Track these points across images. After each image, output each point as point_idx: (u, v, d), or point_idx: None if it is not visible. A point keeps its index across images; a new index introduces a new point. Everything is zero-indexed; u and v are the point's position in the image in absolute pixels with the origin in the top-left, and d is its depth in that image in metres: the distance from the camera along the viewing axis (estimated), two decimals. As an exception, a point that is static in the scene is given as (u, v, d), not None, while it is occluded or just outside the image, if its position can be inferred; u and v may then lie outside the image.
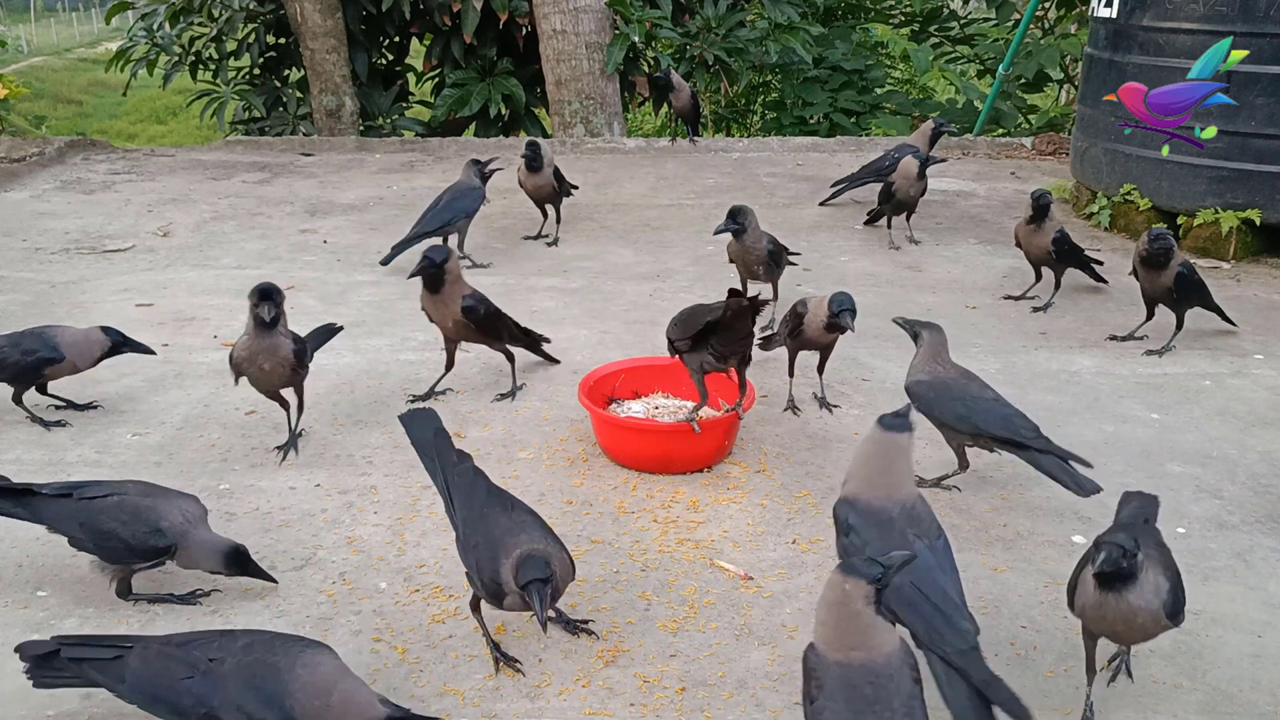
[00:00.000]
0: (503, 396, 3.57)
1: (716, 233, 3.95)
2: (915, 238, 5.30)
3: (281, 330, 3.03)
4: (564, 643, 2.35)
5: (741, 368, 3.00)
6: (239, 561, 2.43)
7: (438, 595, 2.52)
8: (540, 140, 5.34)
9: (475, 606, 2.33)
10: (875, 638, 1.75)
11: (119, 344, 3.34)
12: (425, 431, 2.52)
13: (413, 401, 3.50)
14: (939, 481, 3.01)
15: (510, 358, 3.60)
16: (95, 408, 3.46)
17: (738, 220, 3.89)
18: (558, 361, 3.81)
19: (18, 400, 3.32)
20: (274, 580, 2.49)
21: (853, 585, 1.75)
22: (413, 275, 3.38)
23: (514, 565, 2.11)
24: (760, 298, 2.79)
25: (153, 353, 3.48)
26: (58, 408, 3.42)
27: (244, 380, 3.10)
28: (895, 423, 2.14)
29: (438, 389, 3.56)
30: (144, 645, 2.01)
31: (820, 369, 3.48)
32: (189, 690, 1.91)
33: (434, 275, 3.35)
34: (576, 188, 5.51)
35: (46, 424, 3.32)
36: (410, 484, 3.00)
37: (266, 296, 2.97)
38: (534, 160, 5.03)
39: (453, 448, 2.48)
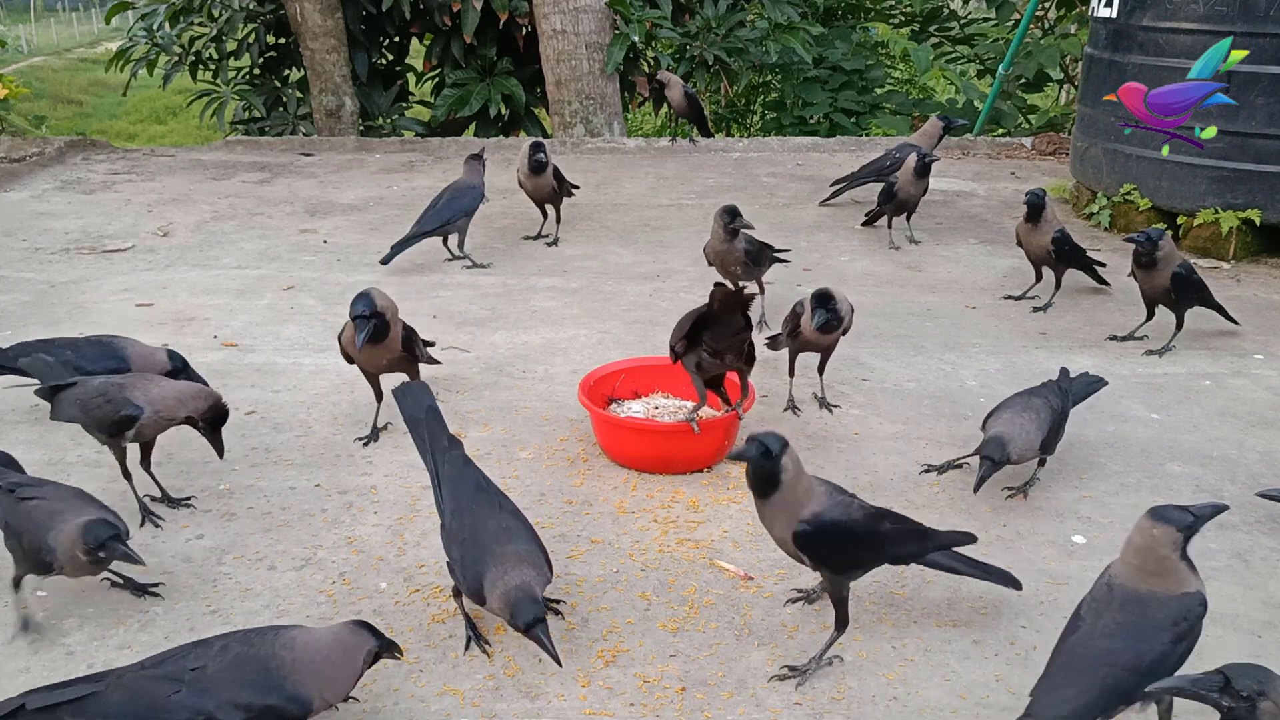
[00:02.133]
0: (364, 440, 3.28)
1: (742, 228, 3.89)
2: (915, 238, 5.30)
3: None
4: (564, 643, 2.35)
5: (744, 369, 2.99)
6: (102, 546, 2.28)
7: (438, 595, 2.52)
8: (542, 141, 5.30)
9: (458, 593, 2.36)
10: (1179, 578, 1.90)
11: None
12: (418, 409, 2.54)
13: (364, 442, 3.25)
14: (950, 465, 3.07)
15: (380, 397, 3.33)
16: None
17: (737, 219, 3.88)
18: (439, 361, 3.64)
19: None
20: (142, 562, 2.34)
21: (1161, 531, 1.89)
22: (365, 341, 3.02)
23: (506, 599, 2.12)
24: (747, 291, 2.79)
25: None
26: None
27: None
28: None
29: (379, 424, 3.28)
30: (117, 676, 1.93)
31: (820, 369, 3.48)
32: (180, 704, 1.87)
33: (380, 328, 3.02)
34: (577, 188, 5.50)
35: None
36: (410, 484, 3.00)
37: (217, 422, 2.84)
38: (542, 164, 5.01)
39: (445, 430, 2.51)
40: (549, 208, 5.28)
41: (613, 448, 3.14)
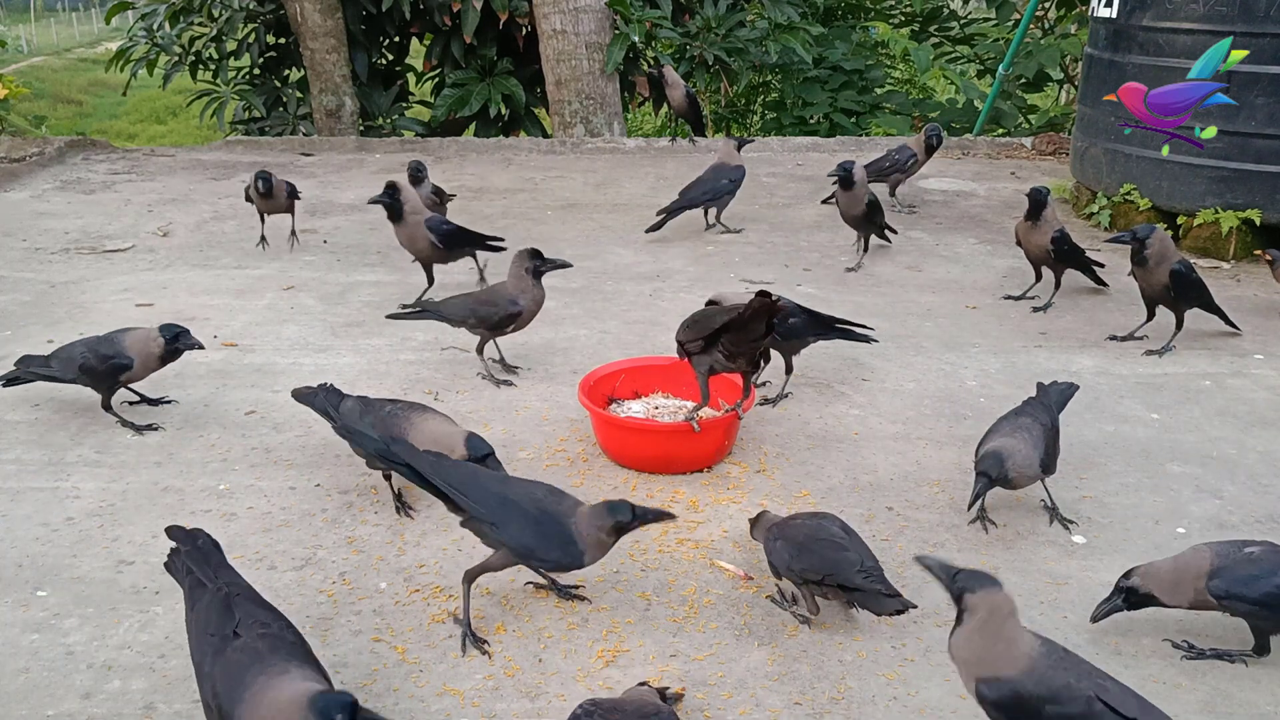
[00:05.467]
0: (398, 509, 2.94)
1: (550, 269, 3.59)
2: (860, 263, 4.92)
3: None
4: (564, 643, 2.35)
5: (750, 372, 3.01)
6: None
7: (438, 595, 2.52)
8: (398, 182, 4.19)
9: (471, 579, 2.37)
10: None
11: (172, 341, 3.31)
12: (373, 444, 2.59)
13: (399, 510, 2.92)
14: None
15: None
16: (170, 402, 3.50)
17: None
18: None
19: (107, 407, 3.33)
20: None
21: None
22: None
23: (601, 512, 2.29)
24: (780, 302, 2.78)
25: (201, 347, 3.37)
26: (132, 403, 3.46)
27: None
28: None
29: None
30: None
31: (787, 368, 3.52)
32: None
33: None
34: (454, 196, 5.20)
35: (139, 428, 3.32)
36: (410, 484, 2.99)
37: None
38: (397, 207, 4.11)
39: (414, 447, 2.51)
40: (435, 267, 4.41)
41: (613, 448, 3.14)
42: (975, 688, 1.87)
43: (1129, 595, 2.29)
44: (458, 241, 4.26)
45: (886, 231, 5.07)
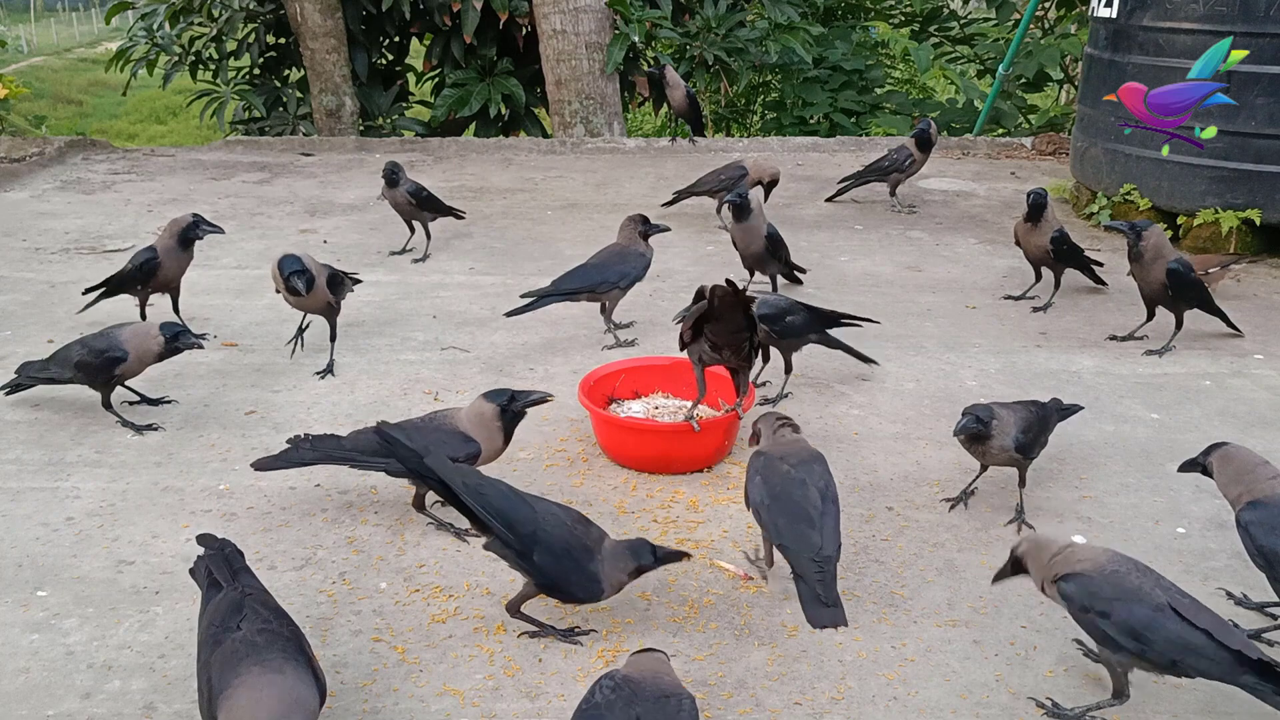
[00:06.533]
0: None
1: (654, 231, 4.04)
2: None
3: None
4: (564, 643, 2.35)
5: (743, 368, 3.00)
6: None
7: (438, 595, 2.52)
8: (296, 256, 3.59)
9: (516, 609, 2.36)
10: None
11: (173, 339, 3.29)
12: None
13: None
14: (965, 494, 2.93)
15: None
16: (170, 402, 3.50)
17: (649, 225, 4.00)
18: None
19: (107, 405, 3.33)
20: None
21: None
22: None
23: (624, 556, 2.31)
24: (748, 292, 2.80)
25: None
26: (132, 403, 3.45)
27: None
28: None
29: None
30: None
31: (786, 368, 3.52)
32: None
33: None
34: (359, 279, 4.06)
35: (139, 428, 3.32)
36: (411, 484, 2.99)
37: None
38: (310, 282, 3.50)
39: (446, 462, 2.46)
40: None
41: (613, 448, 3.14)
42: (1057, 587, 2.09)
43: None
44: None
45: (795, 272, 4.55)
